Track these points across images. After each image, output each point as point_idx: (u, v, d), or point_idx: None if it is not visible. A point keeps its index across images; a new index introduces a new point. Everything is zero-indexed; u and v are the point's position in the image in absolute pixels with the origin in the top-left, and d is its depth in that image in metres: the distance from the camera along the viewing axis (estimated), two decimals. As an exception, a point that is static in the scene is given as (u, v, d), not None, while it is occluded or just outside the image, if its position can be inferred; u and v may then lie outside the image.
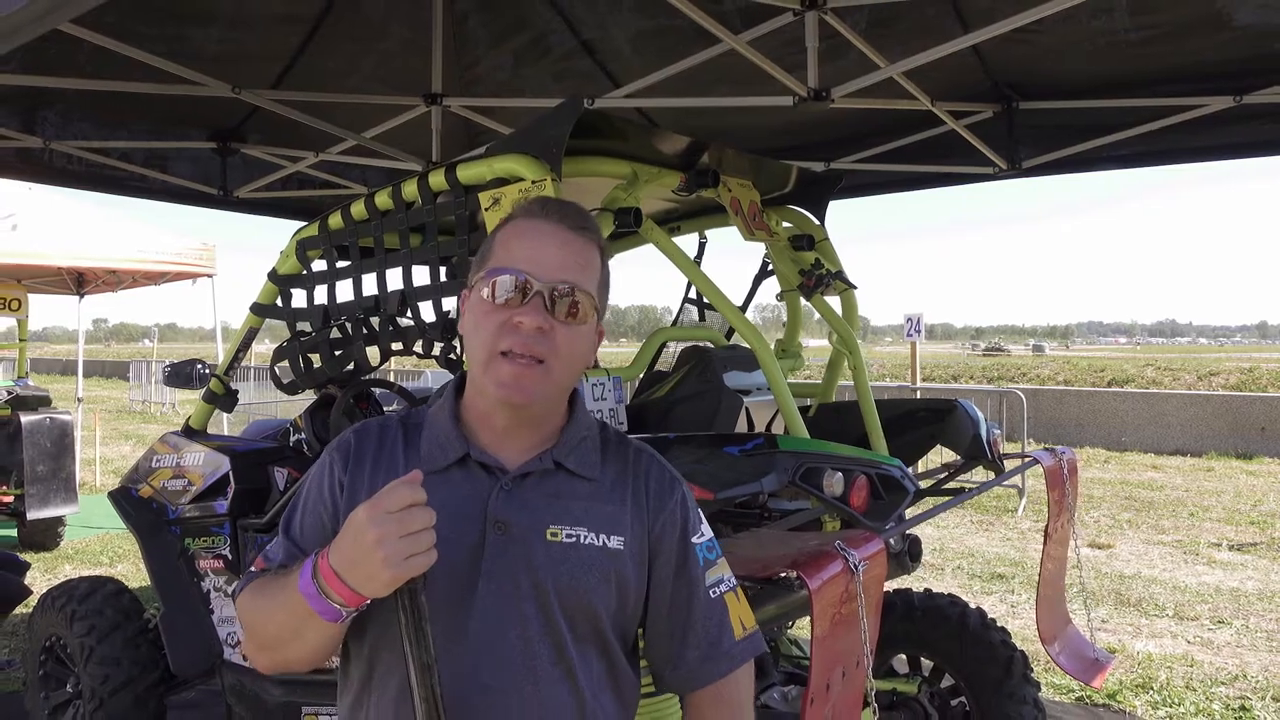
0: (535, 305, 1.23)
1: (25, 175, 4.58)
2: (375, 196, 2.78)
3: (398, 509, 1.09)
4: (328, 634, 1.18)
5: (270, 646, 1.25)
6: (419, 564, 1.10)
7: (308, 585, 1.14)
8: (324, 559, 1.14)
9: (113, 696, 3.36)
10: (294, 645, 1.21)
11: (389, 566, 1.08)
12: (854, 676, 1.86)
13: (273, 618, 1.21)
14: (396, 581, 1.10)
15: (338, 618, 1.14)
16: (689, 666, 1.34)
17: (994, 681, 3.17)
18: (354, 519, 1.12)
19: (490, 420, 1.31)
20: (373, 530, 1.08)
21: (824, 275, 2.99)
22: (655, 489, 1.36)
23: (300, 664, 1.26)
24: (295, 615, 1.16)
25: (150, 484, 3.45)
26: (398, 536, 1.08)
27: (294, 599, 1.15)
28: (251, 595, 1.27)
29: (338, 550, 1.13)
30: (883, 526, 2.18)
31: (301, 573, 1.16)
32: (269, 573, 1.28)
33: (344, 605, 1.13)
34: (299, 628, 1.17)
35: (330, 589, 1.12)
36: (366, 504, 1.11)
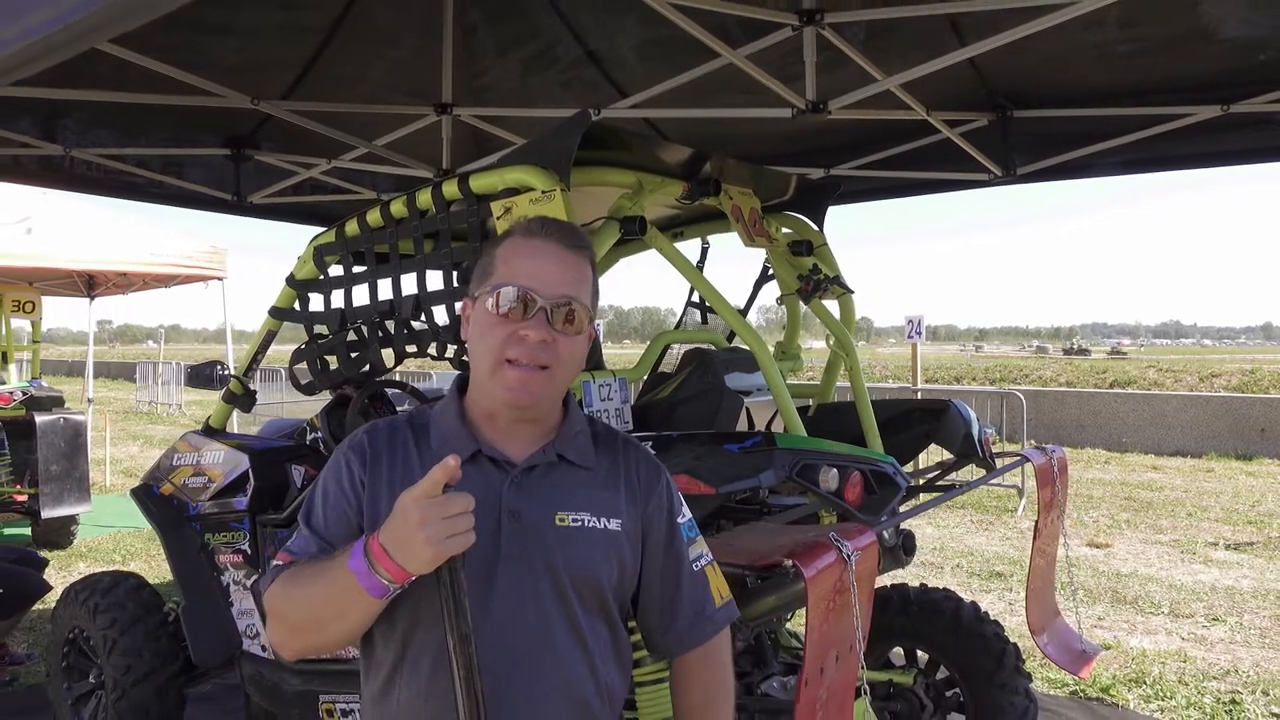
0: (539, 319, 1.36)
1: (47, 182, 4.70)
2: (391, 204, 2.90)
3: (440, 494, 1.21)
4: (370, 611, 1.29)
5: (306, 629, 1.36)
6: (459, 543, 1.21)
7: (359, 564, 1.25)
8: (374, 540, 1.25)
9: (135, 687, 3.47)
10: (334, 625, 1.32)
11: (431, 545, 1.19)
12: (847, 661, 1.97)
13: (313, 600, 1.32)
14: (439, 559, 1.21)
15: (384, 593, 1.25)
16: (679, 632, 1.51)
17: (987, 673, 3.28)
18: (401, 503, 1.23)
19: (495, 419, 1.45)
20: (417, 513, 1.20)
21: (821, 280, 3.10)
22: (644, 476, 1.51)
23: (334, 644, 1.39)
24: (342, 594, 1.27)
25: (171, 481, 3.57)
26: (439, 518, 1.20)
27: (342, 579, 1.26)
28: (285, 584, 1.37)
29: (387, 531, 1.24)
30: (875, 520, 2.29)
31: (352, 554, 1.26)
32: (296, 564, 1.39)
33: (391, 581, 1.24)
34: (344, 606, 1.28)
35: (380, 566, 1.23)
36: (411, 489, 1.23)
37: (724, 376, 3.04)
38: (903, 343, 71.38)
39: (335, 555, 1.31)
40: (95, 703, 3.73)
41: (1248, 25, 3.35)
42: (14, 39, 2.29)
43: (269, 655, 3.23)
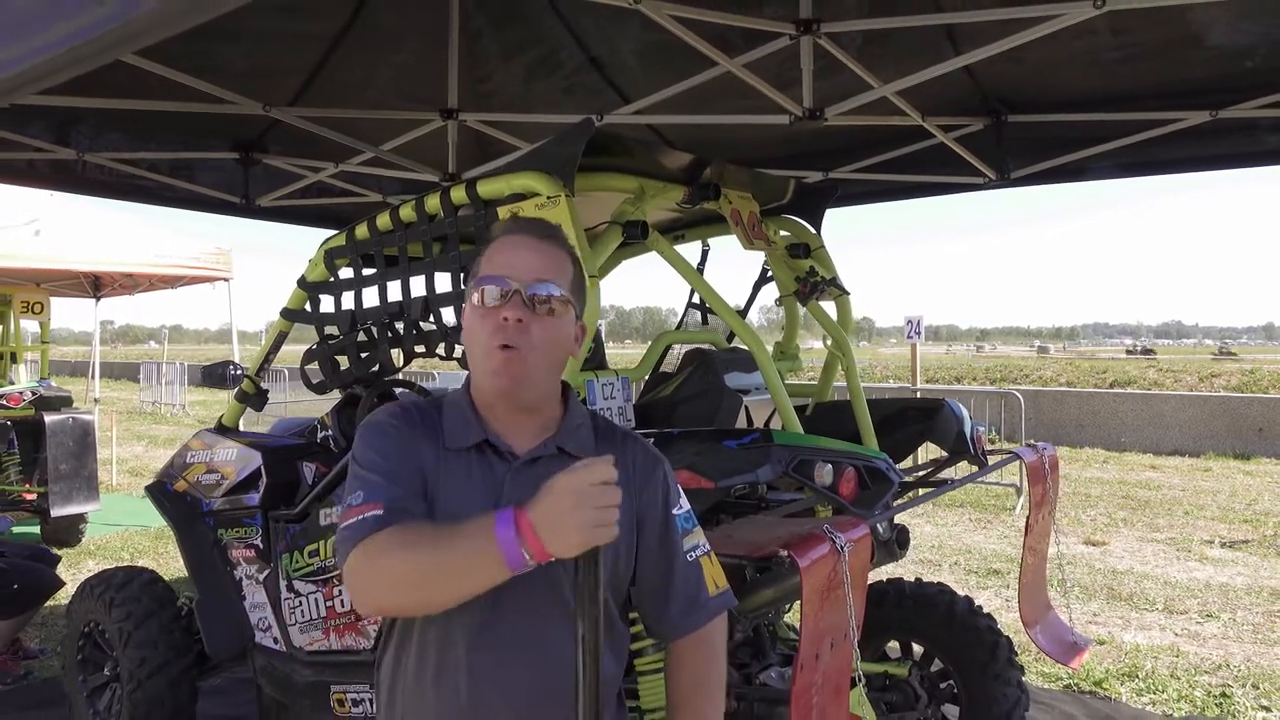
0: (515, 302, 1.45)
1: (60, 186, 4.79)
2: (400, 209, 2.98)
3: (596, 484, 1.25)
4: (496, 581, 1.31)
5: (418, 586, 1.36)
6: (606, 535, 1.26)
7: (507, 531, 1.27)
8: (524, 515, 1.27)
9: (149, 679, 3.56)
10: (452, 586, 1.34)
11: (580, 530, 1.24)
12: (841, 649, 2.06)
13: (439, 560, 1.33)
14: (584, 545, 1.26)
15: (521, 567, 1.28)
16: (672, 619, 1.57)
17: (980, 664, 3.37)
18: (556, 486, 1.27)
19: (494, 411, 1.53)
20: (570, 497, 1.25)
21: (818, 282, 3.19)
22: (641, 468, 1.58)
23: (439, 605, 1.40)
24: (479, 559, 1.29)
25: (185, 478, 3.66)
26: (593, 507, 1.24)
27: (482, 544, 1.28)
28: (395, 537, 1.37)
29: (536, 509, 1.27)
30: (868, 514, 2.38)
31: (500, 522, 1.28)
32: (402, 526, 1.38)
33: (531, 557, 1.26)
34: (473, 568, 1.31)
35: (527, 541, 1.26)
36: (567, 474, 1.27)
37: (724, 376, 3.13)
38: (904, 343, 71.03)
39: (475, 520, 1.33)
40: (110, 695, 3.82)
41: (1235, 33, 3.43)
42: (42, 49, 2.39)
43: (280, 648, 3.32)
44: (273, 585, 3.28)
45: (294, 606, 3.20)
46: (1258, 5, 3.05)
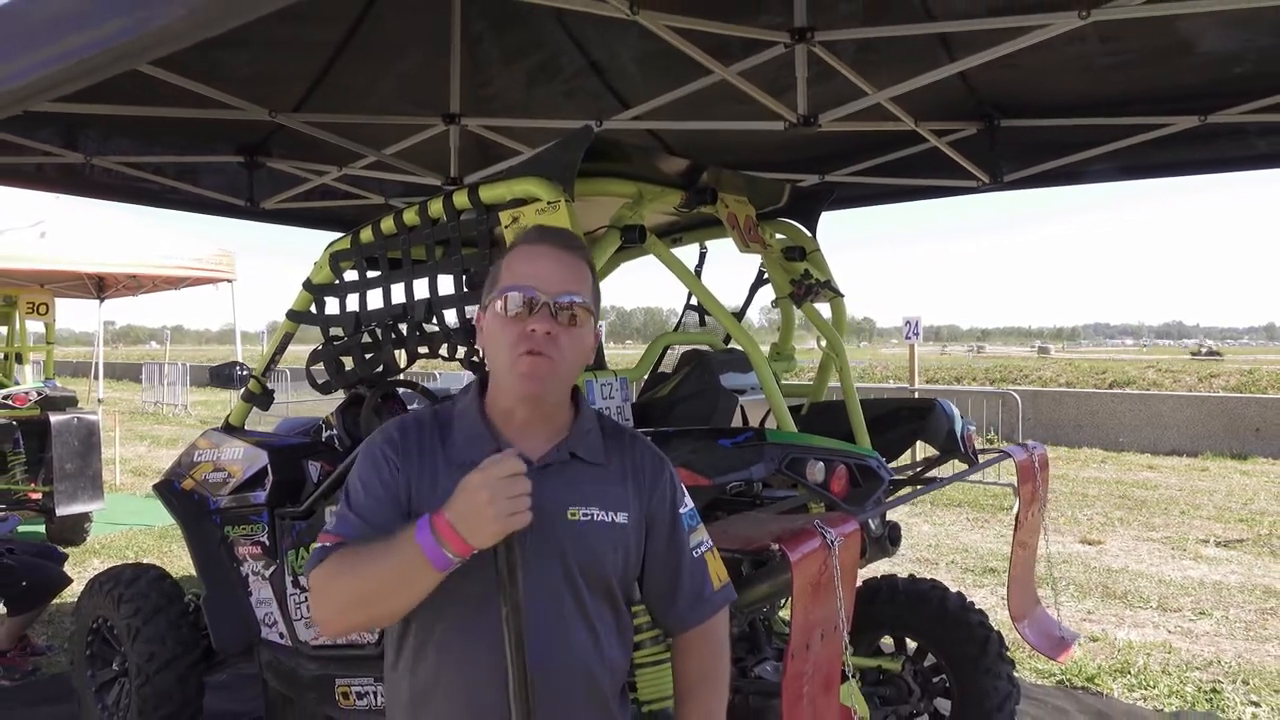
0: (543, 314, 1.50)
1: (69, 189, 4.86)
2: (404, 213, 3.05)
3: (505, 476, 1.36)
4: (430, 584, 1.41)
5: (363, 604, 1.47)
6: (519, 521, 1.37)
7: (426, 537, 1.38)
8: (440, 518, 1.38)
9: (158, 673, 3.63)
10: (394, 598, 1.45)
11: (496, 520, 1.35)
12: (831, 640, 2.13)
13: (375, 575, 1.43)
14: (500, 534, 1.37)
15: (447, 566, 1.38)
16: (680, 613, 1.65)
17: (971, 659, 3.44)
18: (468, 484, 1.38)
19: (511, 416, 1.58)
20: (485, 492, 1.35)
21: (813, 284, 3.26)
22: (650, 470, 1.65)
23: (384, 620, 1.54)
24: (407, 567, 1.40)
25: (192, 477, 3.73)
26: (505, 498, 1.35)
27: (407, 553, 1.39)
28: (339, 562, 1.48)
29: (452, 508, 1.38)
30: (859, 510, 2.45)
31: (419, 530, 1.39)
32: (348, 548, 1.49)
33: (455, 555, 1.37)
34: (408, 579, 1.41)
35: (446, 540, 1.37)
36: (479, 471, 1.37)
37: (720, 376, 3.20)
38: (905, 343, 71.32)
39: (397, 534, 1.43)
40: (118, 689, 3.89)
41: (1224, 40, 3.50)
42: (55, 59, 2.46)
43: (286, 643, 3.38)
44: (279, 581, 3.35)
45: (299, 602, 3.27)
46: (1244, 13, 3.11)
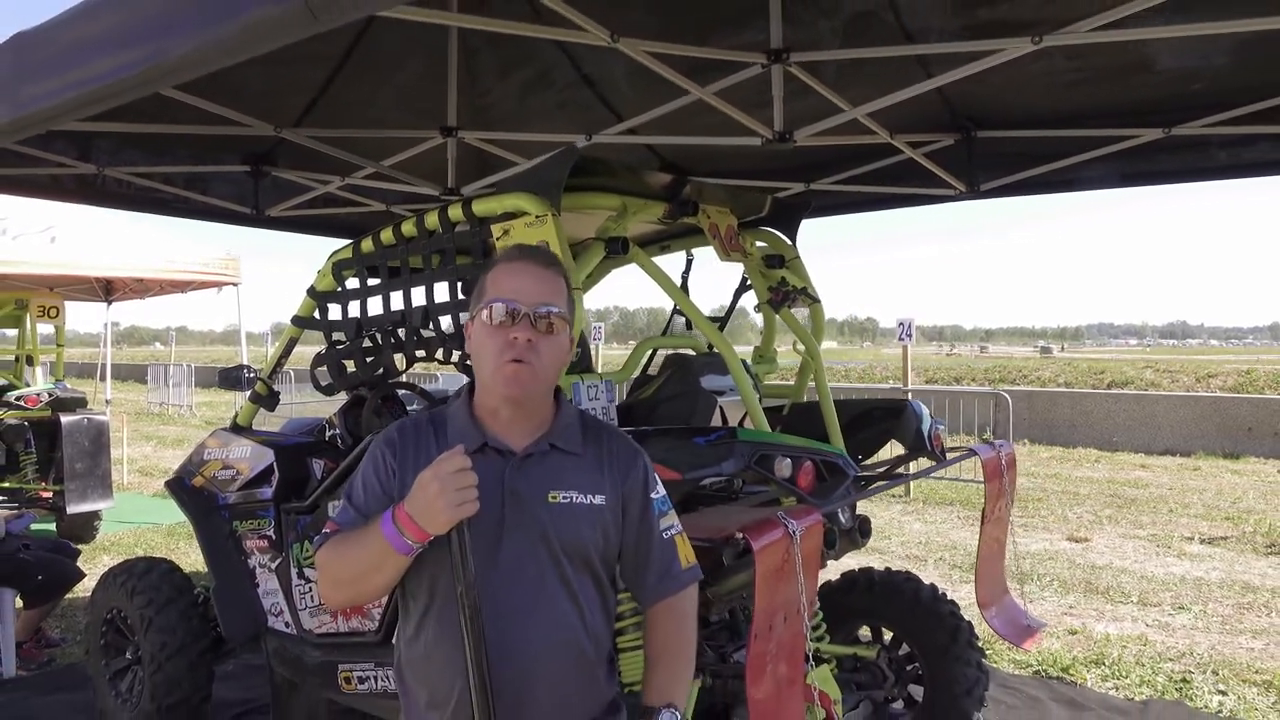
0: (524, 324, 1.69)
1: (82, 199, 5.04)
2: (402, 225, 3.24)
3: (452, 471, 1.56)
4: (399, 566, 1.64)
5: (349, 582, 1.71)
6: (467, 510, 1.57)
7: (389, 528, 1.60)
8: (400, 509, 1.60)
9: (169, 661, 3.82)
10: (371, 578, 1.67)
11: (446, 510, 1.55)
12: (793, 622, 2.30)
13: (357, 559, 1.67)
14: (451, 521, 1.57)
15: (409, 551, 1.61)
16: (650, 586, 1.83)
17: (942, 647, 3.62)
18: (422, 479, 1.58)
19: (497, 414, 1.77)
20: (435, 485, 1.56)
21: (789, 291, 3.44)
22: (623, 459, 1.84)
23: (370, 596, 1.78)
24: (377, 553, 1.62)
25: (202, 474, 3.92)
26: (453, 489, 1.55)
27: (377, 541, 1.62)
28: (333, 547, 1.71)
29: (410, 501, 1.59)
30: (823, 503, 2.63)
31: (383, 521, 1.62)
32: (342, 533, 1.73)
33: (414, 541, 1.59)
34: (380, 562, 1.64)
35: (405, 529, 1.59)
36: (430, 468, 1.58)
37: (700, 379, 3.38)
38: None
39: (370, 524, 1.66)
40: (131, 677, 4.08)
41: (1181, 58, 3.67)
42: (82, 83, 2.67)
43: (292, 631, 3.57)
44: (284, 573, 3.54)
45: (304, 592, 3.46)
46: (1192, 37, 3.27)
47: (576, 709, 1.76)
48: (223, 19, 2.11)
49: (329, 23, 1.97)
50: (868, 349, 77.18)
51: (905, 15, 3.71)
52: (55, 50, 2.82)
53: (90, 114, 2.82)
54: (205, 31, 2.17)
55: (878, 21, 3.76)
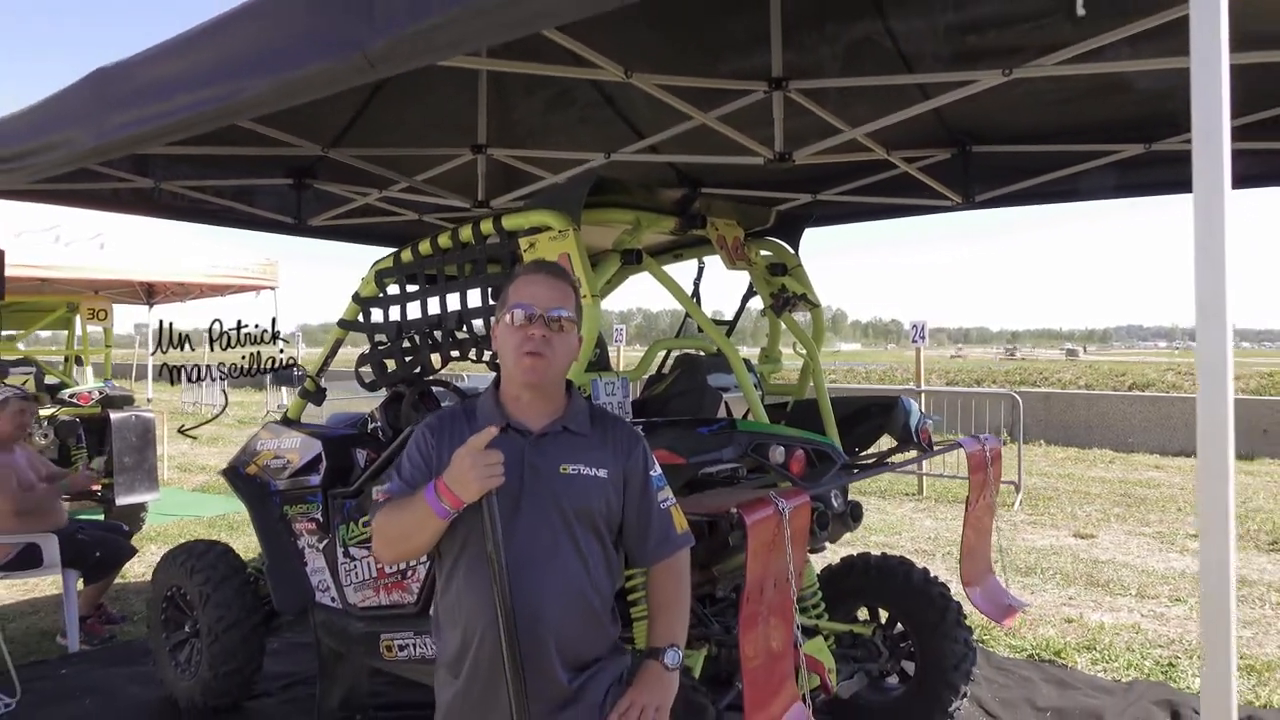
0: (539, 325, 2.05)
1: (140, 211, 5.44)
2: (439, 237, 3.59)
3: (482, 449, 1.91)
4: (438, 527, 1.98)
5: (398, 541, 2.07)
6: (494, 481, 1.91)
7: (431, 496, 1.95)
8: (440, 481, 1.94)
9: (226, 632, 4.21)
10: (415, 538, 2.02)
11: (477, 481, 1.89)
12: (782, 589, 2.62)
13: (404, 522, 2.02)
14: (481, 491, 1.91)
15: (446, 515, 1.95)
16: (650, 550, 2.18)
17: (932, 625, 3.92)
18: (457, 455, 1.93)
19: (518, 400, 2.13)
20: (468, 460, 1.90)
21: (790, 297, 3.76)
22: (625, 442, 2.19)
23: (415, 552, 2.12)
24: (421, 517, 1.96)
25: (255, 463, 4.29)
26: (483, 464, 1.90)
27: (420, 507, 1.96)
28: (386, 513, 2.07)
29: (448, 474, 1.94)
30: (811, 486, 2.95)
31: (426, 491, 1.96)
32: (392, 501, 2.08)
33: (450, 507, 1.93)
34: (422, 524, 1.98)
35: (444, 497, 1.93)
36: (464, 446, 1.92)
37: (707, 377, 3.71)
38: (932, 345, 70.69)
39: (416, 494, 2.01)
40: (190, 649, 4.47)
41: (1154, 79, 3.95)
42: (161, 115, 3.04)
43: (337, 605, 3.93)
44: (331, 552, 3.90)
45: (349, 570, 3.81)
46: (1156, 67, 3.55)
47: (584, 648, 2.10)
48: (293, 67, 2.48)
49: (385, 73, 2.33)
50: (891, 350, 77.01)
51: (901, 41, 4.02)
52: (136, 85, 3.21)
53: (169, 141, 3.20)
54: (277, 77, 2.54)
55: (875, 47, 4.06)
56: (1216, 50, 1.36)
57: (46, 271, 8.09)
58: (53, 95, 3.65)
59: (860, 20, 3.85)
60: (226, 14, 2.78)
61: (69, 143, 3.50)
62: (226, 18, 2.77)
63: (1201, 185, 1.39)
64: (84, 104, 3.42)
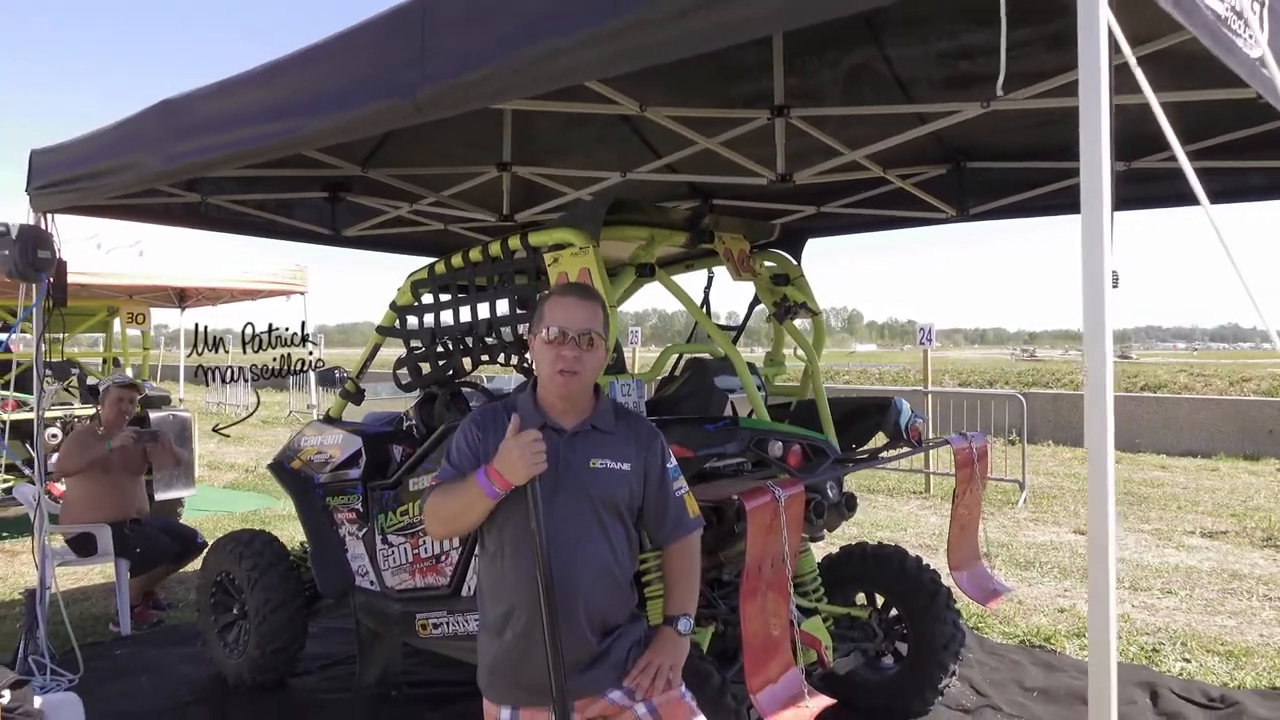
0: (571, 344, 2.37)
1: (187, 223, 5.81)
2: (470, 252, 3.94)
3: (529, 440, 2.24)
4: (486, 507, 2.31)
5: (449, 520, 2.41)
6: (539, 468, 2.24)
7: (482, 479, 2.27)
8: (490, 467, 2.27)
9: (272, 614, 4.58)
10: (465, 516, 2.36)
11: (524, 467, 2.22)
12: (779, 569, 2.95)
13: (455, 503, 2.35)
14: (527, 476, 2.23)
15: (495, 496, 2.27)
16: (666, 531, 2.52)
17: (923, 608, 4.25)
18: (506, 445, 2.25)
19: (554, 405, 2.46)
20: (517, 449, 2.23)
21: (790, 305, 4.09)
22: (645, 438, 2.52)
23: (463, 529, 2.46)
24: (472, 498, 2.30)
25: (300, 458, 4.66)
26: (530, 454, 2.22)
27: (472, 489, 2.29)
28: (438, 495, 2.40)
29: (498, 461, 2.26)
30: (805, 477, 3.28)
31: (478, 475, 2.29)
32: (444, 485, 2.42)
33: (499, 489, 2.26)
34: (472, 504, 2.31)
35: (494, 480, 2.26)
36: (513, 438, 2.25)
37: (714, 379, 4.05)
38: (948, 347, 69.30)
39: (467, 478, 2.34)
40: (238, 630, 4.84)
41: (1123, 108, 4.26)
42: (223, 146, 3.41)
43: (375, 588, 4.28)
44: (370, 540, 4.26)
45: (387, 555, 4.17)
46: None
47: (609, 614, 2.44)
48: (349, 108, 2.83)
49: (430, 117, 2.68)
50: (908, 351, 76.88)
51: (896, 66, 4.33)
52: (198, 118, 3.59)
53: (231, 168, 3.57)
54: (334, 116, 2.90)
55: (872, 72, 4.38)
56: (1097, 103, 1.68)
57: (89, 278, 8.49)
58: (123, 121, 4.03)
59: (858, 47, 4.18)
60: (286, 59, 3.15)
61: (138, 165, 3.88)
62: (286, 62, 3.14)
63: (1088, 209, 1.68)
64: (152, 132, 3.81)
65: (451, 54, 2.52)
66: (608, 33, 2.19)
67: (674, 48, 2.16)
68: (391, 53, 2.70)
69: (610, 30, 2.19)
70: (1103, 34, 1.65)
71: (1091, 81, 1.67)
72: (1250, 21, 2.56)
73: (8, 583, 7.07)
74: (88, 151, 4.28)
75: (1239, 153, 4.12)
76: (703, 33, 2.08)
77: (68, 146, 4.52)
